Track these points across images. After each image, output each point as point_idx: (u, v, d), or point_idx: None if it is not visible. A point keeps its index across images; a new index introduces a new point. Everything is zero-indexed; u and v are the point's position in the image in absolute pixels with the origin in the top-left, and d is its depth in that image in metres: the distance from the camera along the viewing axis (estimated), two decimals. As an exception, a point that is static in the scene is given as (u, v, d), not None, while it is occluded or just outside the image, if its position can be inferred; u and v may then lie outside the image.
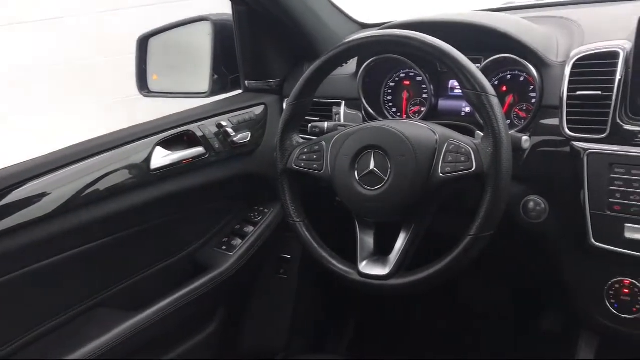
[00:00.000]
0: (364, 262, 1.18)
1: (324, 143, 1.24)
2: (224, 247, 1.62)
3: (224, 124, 1.54)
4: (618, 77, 1.17)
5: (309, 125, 1.38)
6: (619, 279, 1.21)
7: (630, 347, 1.30)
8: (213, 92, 1.69)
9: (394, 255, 1.15)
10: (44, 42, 3.67)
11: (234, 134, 1.54)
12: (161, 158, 1.42)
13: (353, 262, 1.19)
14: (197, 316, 1.61)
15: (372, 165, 1.15)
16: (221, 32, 1.67)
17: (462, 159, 1.08)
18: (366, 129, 1.19)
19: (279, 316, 1.84)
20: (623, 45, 1.18)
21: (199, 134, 1.50)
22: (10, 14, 3.59)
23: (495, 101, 1.07)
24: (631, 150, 1.15)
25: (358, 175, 1.16)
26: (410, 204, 1.13)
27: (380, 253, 1.19)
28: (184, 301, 1.48)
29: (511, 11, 1.65)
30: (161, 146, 1.43)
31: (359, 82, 1.52)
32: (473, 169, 1.07)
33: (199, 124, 1.51)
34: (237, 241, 1.62)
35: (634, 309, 1.20)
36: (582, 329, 1.41)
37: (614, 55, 1.18)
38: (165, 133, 1.44)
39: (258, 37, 1.64)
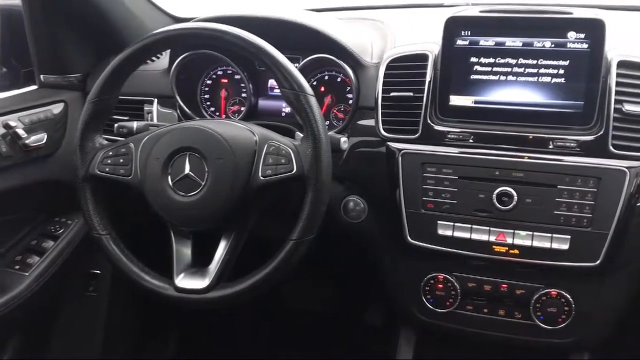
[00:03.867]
0: (181, 276, 1.09)
1: (132, 145, 1.13)
2: (17, 267, 1.44)
3: (12, 124, 1.33)
4: (428, 78, 1.21)
5: (116, 125, 1.25)
6: (434, 274, 1.26)
7: (445, 340, 1.37)
8: (1, 87, 1.48)
9: (213, 266, 1.08)
10: None
11: (25, 135, 1.35)
12: None
13: (169, 277, 1.10)
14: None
15: (187, 169, 1.06)
16: (9, 19, 1.48)
17: (283, 160, 1.05)
18: (180, 129, 1.11)
19: (89, 336, 1.67)
20: (432, 48, 1.23)
21: None
22: None
23: (313, 101, 1.05)
24: (441, 150, 1.20)
25: (172, 181, 1.07)
26: (230, 210, 1.06)
27: (200, 264, 1.11)
28: None
29: (329, 11, 1.66)
30: None
31: (172, 79, 1.42)
32: (294, 171, 1.04)
33: None
34: (34, 259, 1.44)
35: (447, 303, 1.26)
36: (402, 324, 1.45)
37: (423, 57, 1.23)
38: None
39: (55, 26, 1.45)
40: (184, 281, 1.08)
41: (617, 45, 1.16)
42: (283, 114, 1.44)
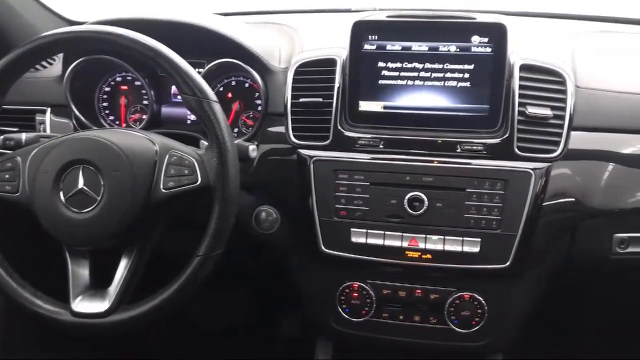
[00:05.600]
0: (78, 299, 1.01)
1: (19, 158, 1.04)
2: None
3: None
4: (337, 84, 1.19)
5: (1, 137, 1.14)
6: (349, 283, 1.24)
7: (362, 350, 1.35)
8: None
9: (113, 287, 1.01)
10: None
11: None
12: None
13: (65, 301, 1.01)
14: None
15: (80, 184, 0.99)
16: None
17: (186, 171, 0.99)
18: (72, 140, 1.03)
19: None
20: (340, 52, 1.21)
21: None
22: None
23: (217, 108, 1.00)
24: (352, 156, 1.18)
25: (64, 196, 0.99)
26: (129, 226, 0.99)
27: (99, 286, 1.03)
28: None
29: (236, 15, 1.62)
30: None
31: (66, 86, 1.33)
32: (198, 182, 0.98)
33: None
34: None
35: (363, 312, 1.24)
36: (318, 334, 1.42)
37: (331, 62, 1.21)
38: None
39: None
40: (81, 305, 1.00)
41: (519, 49, 1.19)
42: (189, 122, 1.38)
